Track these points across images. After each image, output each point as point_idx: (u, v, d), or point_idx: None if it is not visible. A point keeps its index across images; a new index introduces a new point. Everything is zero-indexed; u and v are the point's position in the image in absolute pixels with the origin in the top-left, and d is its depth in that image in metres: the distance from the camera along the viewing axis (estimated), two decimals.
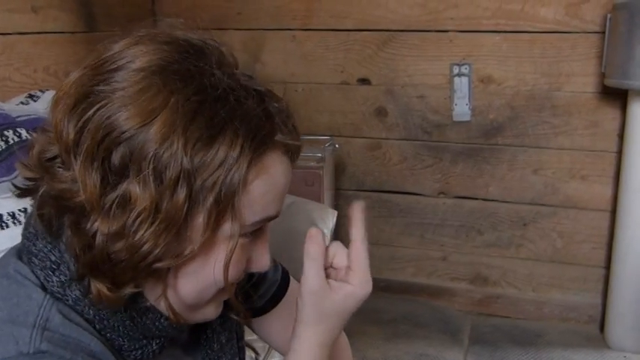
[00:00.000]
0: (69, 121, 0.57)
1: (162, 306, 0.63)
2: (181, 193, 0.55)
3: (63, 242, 0.61)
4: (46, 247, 0.61)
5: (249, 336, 0.94)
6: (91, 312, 0.61)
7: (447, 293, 2.33)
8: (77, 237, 0.58)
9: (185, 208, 0.55)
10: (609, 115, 2.08)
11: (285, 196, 0.65)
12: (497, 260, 2.28)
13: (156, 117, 0.54)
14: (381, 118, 2.30)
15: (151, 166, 0.54)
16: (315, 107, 2.35)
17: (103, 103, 0.55)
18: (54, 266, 0.61)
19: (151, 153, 0.54)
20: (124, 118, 0.54)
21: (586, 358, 2.00)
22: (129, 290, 0.59)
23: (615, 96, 2.03)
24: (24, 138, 1.29)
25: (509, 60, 2.14)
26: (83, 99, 0.57)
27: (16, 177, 1.24)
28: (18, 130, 1.29)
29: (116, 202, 0.55)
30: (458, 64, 2.19)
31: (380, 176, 2.34)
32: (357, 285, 0.65)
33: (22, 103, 1.50)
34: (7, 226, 1.15)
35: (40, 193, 0.60)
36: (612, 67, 1.92)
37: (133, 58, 0.57)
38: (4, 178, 1.21)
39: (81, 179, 0.55)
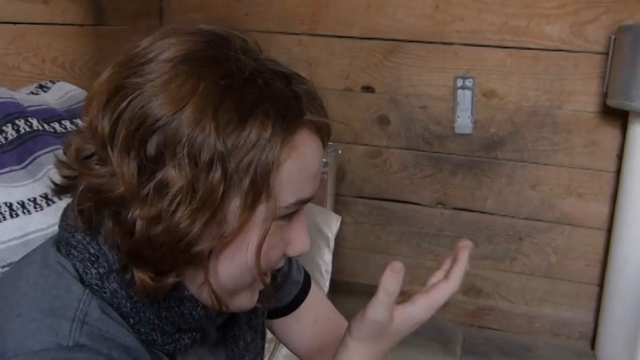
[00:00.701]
0: (103, 116, 0.58)
1: (203, 295, 0.63)
2: (216, 174, 0.55)
3: (102, 235, 0.61)
4: (84, 239, 0.62)
5: None
6: (128, 305, 0.61)
7: None
8: (118, 227, 0.58)
9: (221, 189, 0.56)
10: (609, 134, 2.10)
11: (319, 177, 0.65)
12: (492, 273, 2.30)
13: (187, 103, 0.55)
14: (383, 126, 2.31)
15: (185, 150, 0.55)
16: None
17: (135, 94, 0.56)
18: (92, 258, 0.61)
19: (185, 137, 0.55)
20: (157, 107, 0.55)
21: None
22: (171, 279, 0.60)
23: (616, 116, 2.06)
24: (35, 128, 1.28)
25: (512, 75, 2.17)
26: (116, 93, 0.58)
27: (26, 167, 1.24)
28: (29, 119, 1.28)
29: (154, 188, 0.56)
30: (462, 77, 2.21)
31: (379, 184, 2.35)
32: (421, 309, 0.66)
33: (32, 93, 1.49)
34: (17, 215, 1.14)
35: (79, 190, 0.60)
36: (614, 88, 1.95)
37: (161, 50, 0.59)
38: (15, 167, 1.20)
39: (119, 170, 0.56)
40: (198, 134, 0.55)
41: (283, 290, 0.87)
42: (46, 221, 1.14)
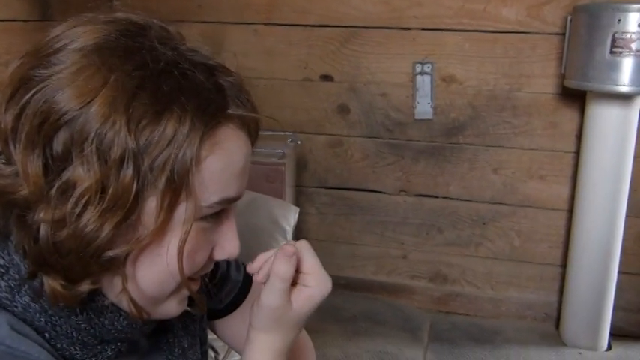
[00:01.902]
0: (6, 110, 0.54)
1: (123, 303, 0.59)
2: (128, 173, 0.51)
3: (11, 242, 0.57)
4: None
5: (209, 335, 0.91)
6: (42, 319, 0.57)
7: (407, 291, 2.33)
8: (23, 231, 0.54)
9: (134, 190, 0.52)
10: (568, 116, 2.11)
11: (247, 176, 0.61)
12: (457, 259, 2.29)
13: (95, 96, 0.51)
14: (344, 115, 2.28)
15: (93, 147, 0.51)
16: (276, 103, 2.31)
17: (40, 86, 0.52)
18: (2, 270, 0.56)
19: (93, 134, 0.51)
20: (63, 100, 0.52)
21: (541, 355, 2.04)
22: (86, 287, 0.55)
23: (574, 97, 2.06)
24: None
25: (471, 59, 2.15)
26: (20, 86, 0.54)
27: None
28: None
29: (59, 188, 0.51)
30: (420, 63, 2.19)
31: (341, 174, 2.32)
32: (315, 286, 0.63)
33: None
34: None
35: None
36: (572, 69, 1.95)
37: (71, 39, 0.55)
38: None
39: (22, 169, 0.52)
40: (108, 130, 0.51)
41: (223, 290, 0.83)
42: None
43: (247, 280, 0.85)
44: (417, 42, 2.18)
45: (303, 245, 0.65)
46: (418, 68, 2.19)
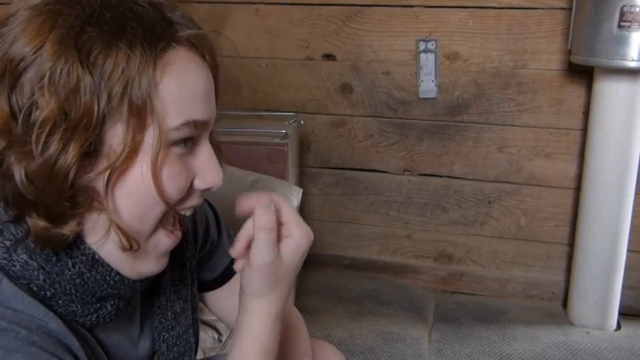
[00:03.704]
0: None
1: (107, 245, 0.60)
2: (86, 99, 0.55)
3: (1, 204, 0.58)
4: None
5: (211, 316, 0.90)
6: (41, 276, 0.58)
7: (411, 271, 2.32)
8: (1, 178, 0.56)
9: (94, 113, 0.55)
10: (574, 92, 2.07)
11: (213, 100, 0.63)
12: (462, 238, 2.28)
13: (46, 39, 0.55)
14: (346, 94, 2.25)
15: (50, 81, 0.54)
16: (279, 83, 2.29)
17: None
18: None
19: (49, 71, 0.54)
20: (18, 49, 0.55)
21: (549, 335, 2.02)
22: (71, 227, 0.57)
23: (581, 73, 2.03)
24: None
25: (475, 36, 2.12)
26: None
27: None
28: None
29: (24, 124, 0.54)
30: (424, 40, 2.15)
31: (345, 153, 2.30)
32: (299, 235, 0.65)
33: None
34: None
35: None
36: (578, 44, 1.91)
37: (23, 1, 0.58)
38: None
39: None
40: (62, 65, 0.54)
41: (214, 260, 0.83)
42: None
43: None
44: (420, 19, 2.15)
45: (278, 197, 0.66)
46: (422, 46, 2.16)
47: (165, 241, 0.64)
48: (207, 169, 0.63)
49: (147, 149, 0.57)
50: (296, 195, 1.59)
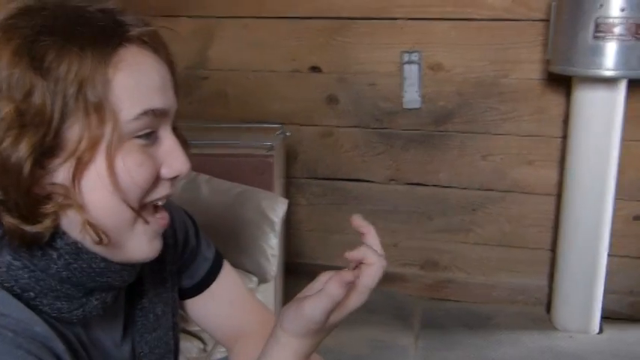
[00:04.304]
0: None
1: (87, 238, 0.62)
2: (38, 100, 0.57)
3: None
4: None
5: (196, 326, 0.93)
6: (26, 275, 0.60)
7: (398, 279, 2.35)
8: None
9: (48, 115, 0.58)
10: (554, 101, 2.12)
11: (171, 91, 0.66)
12: (448, 245, 2.31)
13: (3, 51, 0.58)
14: (333, 105, 2.29)
15: (6, 86, 0.58)
16: (266, 95, 2.33)
17: None
18: None
19: (6, 78, 0.58)
20: None
21: (533, 339, 2.06)
22: (46, 225, 0.59)
23: (560, 82, 2.08)
24: None
25: (457, 47, 2.16)
26: None
27: None
28: None
29: None
30: (408, 52, 2.20)
31: (332, 164, 2.34)
32: (354, 299, 0.65)
33: None
34: None
35: None
36: (557, 54, 1.96)
37: None
38: None
39: None
40: (17, 72, 0.58)
41: (193, 267, 0.86)
42: None
43: (218, 259, 0.88)
44: (403, 31, 2.19)
45: (373, 261, 0.66)
46: (405, 57, 2.20)
47: (152, 226, 0.66)
48: (172, 158, 0.65)
49: (107, 144, 0.60)
50: (281, 206, 1.62)
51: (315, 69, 2.29)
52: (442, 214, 2.29)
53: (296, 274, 2.11)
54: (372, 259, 0.66)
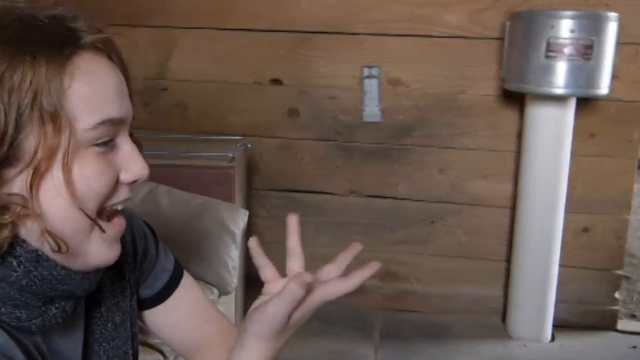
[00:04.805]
0: None
1: (45, 246, 0.61)
2: None
3: None
4: None
5: (157, 339, 0.93)
6: None
7: (358, 290, 2.32)
8: None
9: (4, 126, 0.57)
10: (509, 117, 2.19)
11: (127, 98, 0.66)
12: (407, 257, 2.35)
13: None
14: (293, 118, 2.31)
15: None
16: (227, 107, 2.33)
17: None
18: None
19: None
20: None
21: (489, 348, 2.11)
22: (4, 235, 0.59)
23: (514, 99, 2.15)
24: None
25: (416, 63, 2.22)
26: None
27: None
28: None
29: None
30: (368, 67, 2.24)
31: (292, 176, 2.35)
32: (314, 301, 0.69)
33: None
34: None
35: None
36: (511, 72, 2.03)
37: None
38: None
39: None
40: None
41: (152, 277, 0.86)
42: None
43: (178, 269, 0.88)
44: (364, 46, 2.23)
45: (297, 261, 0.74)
46: (366, 72, 2.25)
47: (109, 232, 0.66)
48: (131, 163, 0.66)
49: (64, 152, 0.60)
50: (242, 217, 1.62)
51: (276, 81, 2.31)
52: (401, 226, 2.33)
53: (256, 286, 2.10)
54: (355, 280, 0.73)
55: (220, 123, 2.32)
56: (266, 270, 0.76)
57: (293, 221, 0.76)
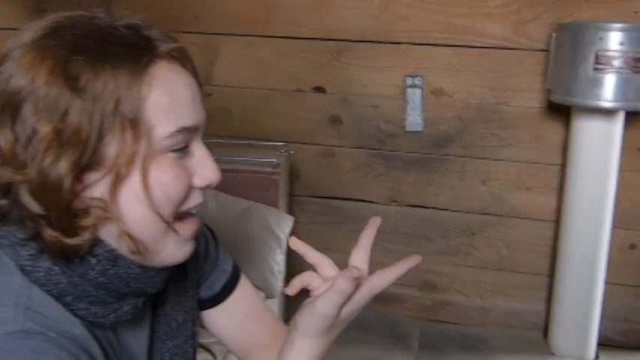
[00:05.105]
0: None
1: (124, 247, 0.64)
2: (75, 120, 0.59)
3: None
4: (10, 227, 0.63)
5: (206, 339, 0.95)
6: (64, 280, 0.62)
7: (396, 300, 2.37)
8: (14, 203, 0.61)
9: (85, 133, 0.59)
10: (554, 129, 2.16)
11: (199, 106, 0.67)
12: (446, 268, 2.33)
13: (38, 72, 0.60)
14: (335, 126, 2.32)
15: (44, 107, 0.59)
16: (269, 113, 2.36)
17: None
18: (22, 242, 0.62)
19: (43, 98, 0.59)
20: (15, 83, 0.60)
21: None
22: (85, 237, 0.61)
23: (559, 111, 2.12)
24: None
25: (459, 73, 2.21)
26: None
27: None
28: None
29: (26, 149, 0.60)
30: (411, 76, 2.24)
31: (333, 183, 2.36)
32: (364, 295, 0.71)
33: None
34: None
35: None
36: (556, 84, 2.00)
37: (17, 40, 0.63)
38: None
39: None
40: (53, 92, 0.59)
41: (212, 278, 0.88)
42: None
43: (236, 271, 0.90)
44: (407, 55, 2.23)
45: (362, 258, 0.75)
46: (409, 81, 2.24)
47: (182, 232, 0.68)
48: (204, 168, 0.68)
49: (143, 159, 0.62)
50: (287, 223, 1.64)
51: (318, 89, 2.32)
52: (441, 236, 2.32)
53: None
54: (398, 270, 0.73)
55: (263, 129, 2.35)
56: (324, 266, 0.76)
57: (374, 222, 0.79)
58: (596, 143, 1.99)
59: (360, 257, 0.75)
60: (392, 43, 2.24)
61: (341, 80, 2.29)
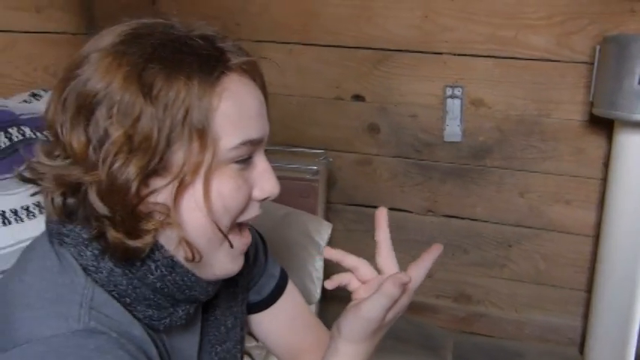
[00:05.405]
0: (55, 105, 0.64)
1: (181, 252, 0.66)
2: (146, 126, 0.61)
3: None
4: (75, 227, 0.65)
5: (247, 343, 0.96)
6: (125, 282, 0.64)
7: (430, 310, 2.36)
8: (82, 202, 0.63)
9: (154, 138, 0.61)
10: (595, 143, 2.14)
11: (265, 119, 0.69)
12: (482, 280, 2.32)
13: (114, 77, 0.61)
14: (373, 134, 2.33)
15: (117, 111, 0.61)
16: (308, 120, 2.38)
17: (73, 83, 0.63)
18: (86, 242, 0.65)
19: (117, 103, 0.61)
20: (92, 86, 0.62)
21: None
22: (147, 240, 0.63)
23: (602, 125, 2.09)
24: (27, 136, 1.29)
25: (500, 84, 2.20)
26: (64, 86, 0.64)
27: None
28: (22, 128, 1.30)
29: (98, 152, 0.61)
30: (451, 86, 2.24)
31: (370, 192, 2.37)
32: (405, 306, 0.73)
33: (24, 101, 1.50)
34: (10, 223, 1.15)
35: (47, 184, 0.64)
36: (600, 97, 1.98)
37: (97, 44, 0.65)
38: (8, 175, 1.21)
39: (69, 146, 0.62)
40: (127, 97, 0.61)
41: (261, 283, 0.89)
42: (39, 229, 1.15)
43: (283, 276, 0.91)
44: (447, 66, 2.23)
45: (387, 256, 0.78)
46: (448, 92, 2.24)
47: (236, 244, 0.70)
48: (264, 180, 0.70)
49: (207, 168, 0.64)
50: (326, 229, 1.65)
51: (357, 97, 2.33)
52: (477, 247, 2.30)
53: (329, 299, 2.13)
54: (425, 262, 0.77)
55: (301, 136, 2.37)
56: (362, 269, 0.77)
57: (381, 214, 0.78)
58: (639, 158, 1.96)
59: (389, 261, 0.76)
60: (432, 53, 2.24)
61: (380, 89, 2.30)
